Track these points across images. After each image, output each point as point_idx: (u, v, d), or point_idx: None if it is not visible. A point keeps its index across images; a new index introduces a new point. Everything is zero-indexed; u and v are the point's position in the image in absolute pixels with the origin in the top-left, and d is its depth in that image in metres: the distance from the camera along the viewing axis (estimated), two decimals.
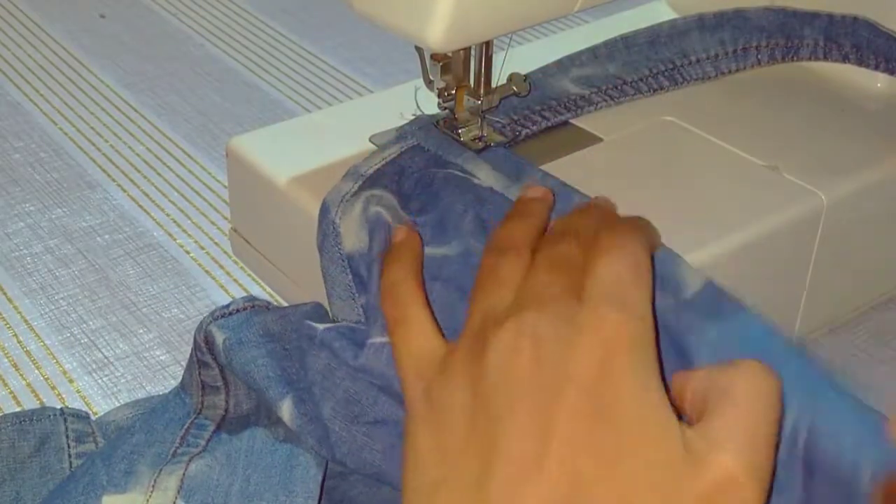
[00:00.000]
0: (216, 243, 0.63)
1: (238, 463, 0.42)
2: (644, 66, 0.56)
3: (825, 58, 0.56)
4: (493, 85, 0.50)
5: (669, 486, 0.32)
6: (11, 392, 0.53)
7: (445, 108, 0.51)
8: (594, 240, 0.39)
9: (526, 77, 0.52)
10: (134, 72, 0.82)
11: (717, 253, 0.46)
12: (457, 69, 0.49)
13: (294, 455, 0.41)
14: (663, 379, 0.35)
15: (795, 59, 0.57)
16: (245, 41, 0.87)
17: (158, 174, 0.70)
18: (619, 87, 0.56)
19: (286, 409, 0.41)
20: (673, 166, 0.52)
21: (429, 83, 0.50)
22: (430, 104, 0.52)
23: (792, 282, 0.51)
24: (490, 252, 0.42)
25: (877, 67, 0.55)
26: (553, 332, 0.35)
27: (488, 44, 0.49)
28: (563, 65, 0.56)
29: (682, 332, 0.39)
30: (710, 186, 0.50)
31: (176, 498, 0.41)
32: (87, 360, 0.55)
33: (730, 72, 0.57)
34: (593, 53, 0.56)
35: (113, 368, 0.54)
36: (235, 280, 0.60)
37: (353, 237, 0.45)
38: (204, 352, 0.43)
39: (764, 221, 0.48)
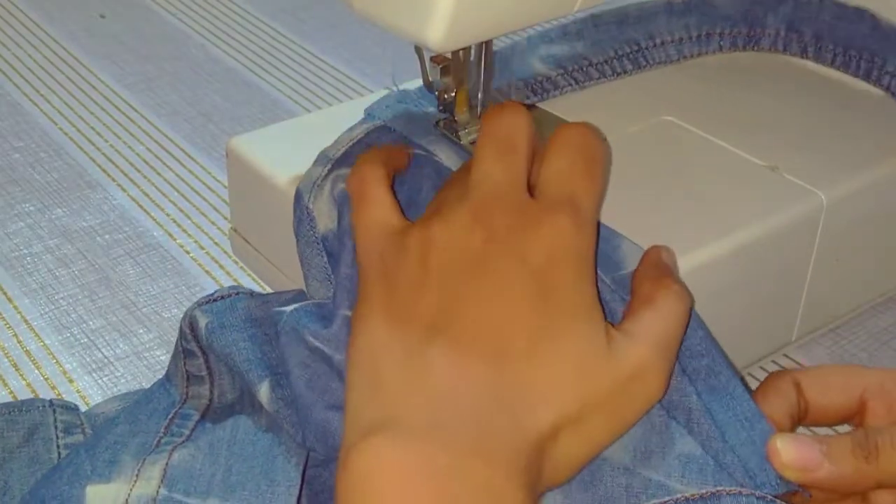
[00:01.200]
0: (216, 243, 0.63)
1: (220, 452, 0.42)
2: (610, 46, 0.57)
3: (784, 50, 0.57)
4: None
5: (590, 371, 0.36)
6: (11, 392, 0.53)
7: (445, 111, 0.51)
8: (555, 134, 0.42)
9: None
10: (134, 72, 0.82)
11: (717, 253, 0.46)
12: (456, 71, 0.49)
13: (276, 444, 0.42)
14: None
15: (756, 48, 0.59)
16: (245, 41, 0.87)
17: (158, 174, 0.70)
18: (584, 70, 0.57)
19: (264, 393, 0.41)
20: (673, 166, 0.51)
21: (428, 85, 0.50)
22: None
23: (792, 282, 0.51)
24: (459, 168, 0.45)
25: (832, 62, 0.56)
26: (508, 220, 0.38)
27: (488, 44, 0.49)
28: (533, 41, 0.57)
29: (618, 308, 0.41)
30: (710, 186, 0.50)
31: (159, 487, 0.41)
32: (87, 360, 0.55)
33: (692, 56, 0.58)
34: (563, 31, 0.57)
35: (113, 368, 0.54)
36: (235, 280, 0.60)
37: (325, 219, 0.46)
38: (189, 339, 0.44)
39: (764, 221, 0.48)
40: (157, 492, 0.41)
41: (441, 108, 0.50)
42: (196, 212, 0.66)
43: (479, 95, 0.50)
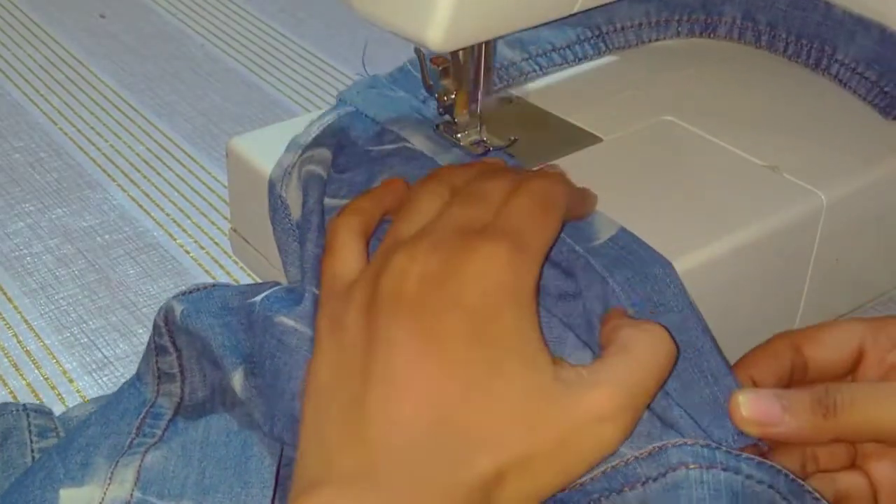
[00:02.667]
0: (216, 243, 0.63)
1: (193, 455, 0.42)
2: (573, 31, 0.58)
3: (739, 38, 0.59)
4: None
5: (535, 416, 0.35)
6: (11, 392, 0.53)
7: (445, 113, 0.51)
8: (518, 181, 0.41)
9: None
10: (134, 72, 0.82)
11: (717, 253, 0.46)
12: (456, 73, 0.49)
13: (248, 445, 0.42)
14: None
15: (713, 36, 0.60)
16: (245, 41, 0.87)
17: (158, 174, 0.70)
18: (547, 54, 0.57)
19: (237, 380, 0.42)
20: (673, 166, 0.52)
21: (428, 87, 0.50)
22: (378, 67, 0.53)
23: (792, 282, 0.51)
24: (417, 184, 0.43)
25: (785, 51, 0.56)
26: (443, 259, 0.37)
27: (488, 45, 0.49)
28: None
29: (591, 276, 0.41)
30: (710, 186, 0.50)
31: (133, 490, 0.41)
32: (87, 360, 0.55)
33: (650, 41, 0.59)
34: None
35: (113, 368, 0.54)
36: (236, 280, 0.60)
37: (297, 206, 0.47)
38: (162, 333, 0.44)
39: (764, 221, 0.48)
40: (132, 494, 0.41)
41: (441, 110, 0.50)
42: (196, 212, 0.66)
43: (479, 97, 0.50)
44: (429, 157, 0.48)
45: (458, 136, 0.50)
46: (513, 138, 0.52)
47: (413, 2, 0.42)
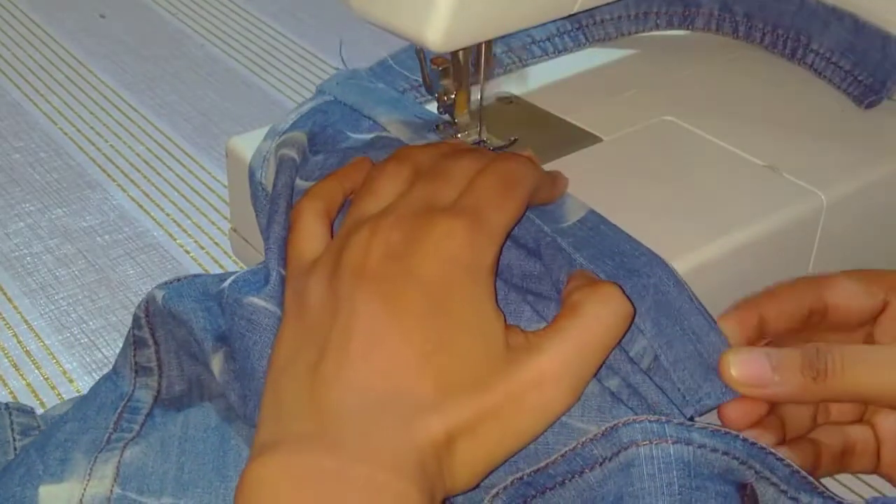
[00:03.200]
0: (216, 243, 0.63)
1: (172, 450, 0.42)
2: (552, 24, 0.59)
3: (717, 30, 0.59)
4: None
5: (483, 379, 0.36)
6: (11, 392, 0.53)
7: (445, 113, 0.51)
8: (485, 162, 0.42)
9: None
10: (134, 72, 0.82)
11: (717, 253, 0.46)
12: (456, 73, 0.49)
13: (226, 439, 0.42)
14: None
15: (691, 28, 0.60)
16: (245, 41, 0.87)
17: (158, 174, 0.70)
18: (527, 47, 0.58)
19: (216, 363, 0.42)
20: (673, 166, 0.52)
21: (428, 87, 0.50)
22: (359, 62, 0.54)
23: None
24: (378, 164, 0.44)
25: (761, 41, 0.57)
26: (405, 234, 0.38)
27: (488, 44, 0.49)
28: None
29: (557, 255, 0.42)
30: (710, 186, 0.50)
31: (113, 486, 0.41)
32: (87, 360, 0.55)
33: (629, 33, 0.60)
34: None
35: None
36: None
37: None
38: (142, 325, 0.44)
39: (764, 221, 0.48)
40: (112, 490, 0.41)
41: (441, 110, 0.51)
42: (196, 212, 0.66)
43: (480, 97, 0.50)
44: (405, 143, 0.48)
45: (459, 136, 0.50)
46: (513, 138, 0.52)
47: (413, 2, 0.42)
